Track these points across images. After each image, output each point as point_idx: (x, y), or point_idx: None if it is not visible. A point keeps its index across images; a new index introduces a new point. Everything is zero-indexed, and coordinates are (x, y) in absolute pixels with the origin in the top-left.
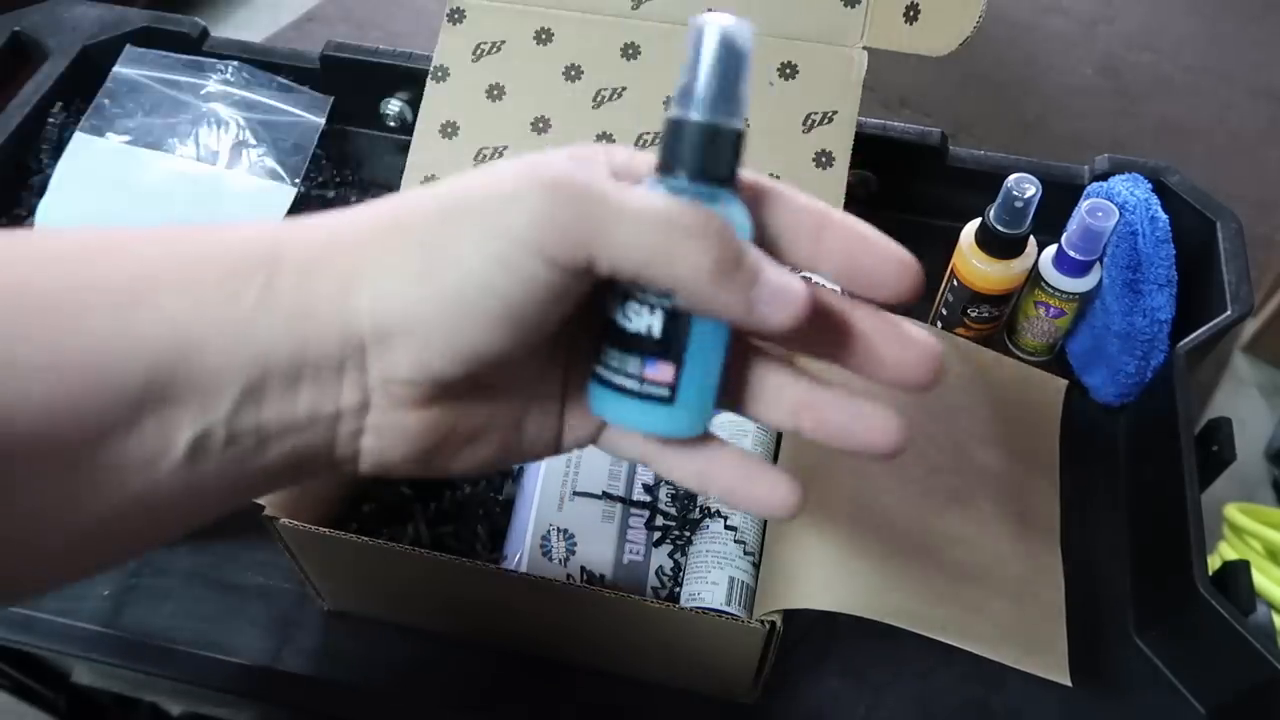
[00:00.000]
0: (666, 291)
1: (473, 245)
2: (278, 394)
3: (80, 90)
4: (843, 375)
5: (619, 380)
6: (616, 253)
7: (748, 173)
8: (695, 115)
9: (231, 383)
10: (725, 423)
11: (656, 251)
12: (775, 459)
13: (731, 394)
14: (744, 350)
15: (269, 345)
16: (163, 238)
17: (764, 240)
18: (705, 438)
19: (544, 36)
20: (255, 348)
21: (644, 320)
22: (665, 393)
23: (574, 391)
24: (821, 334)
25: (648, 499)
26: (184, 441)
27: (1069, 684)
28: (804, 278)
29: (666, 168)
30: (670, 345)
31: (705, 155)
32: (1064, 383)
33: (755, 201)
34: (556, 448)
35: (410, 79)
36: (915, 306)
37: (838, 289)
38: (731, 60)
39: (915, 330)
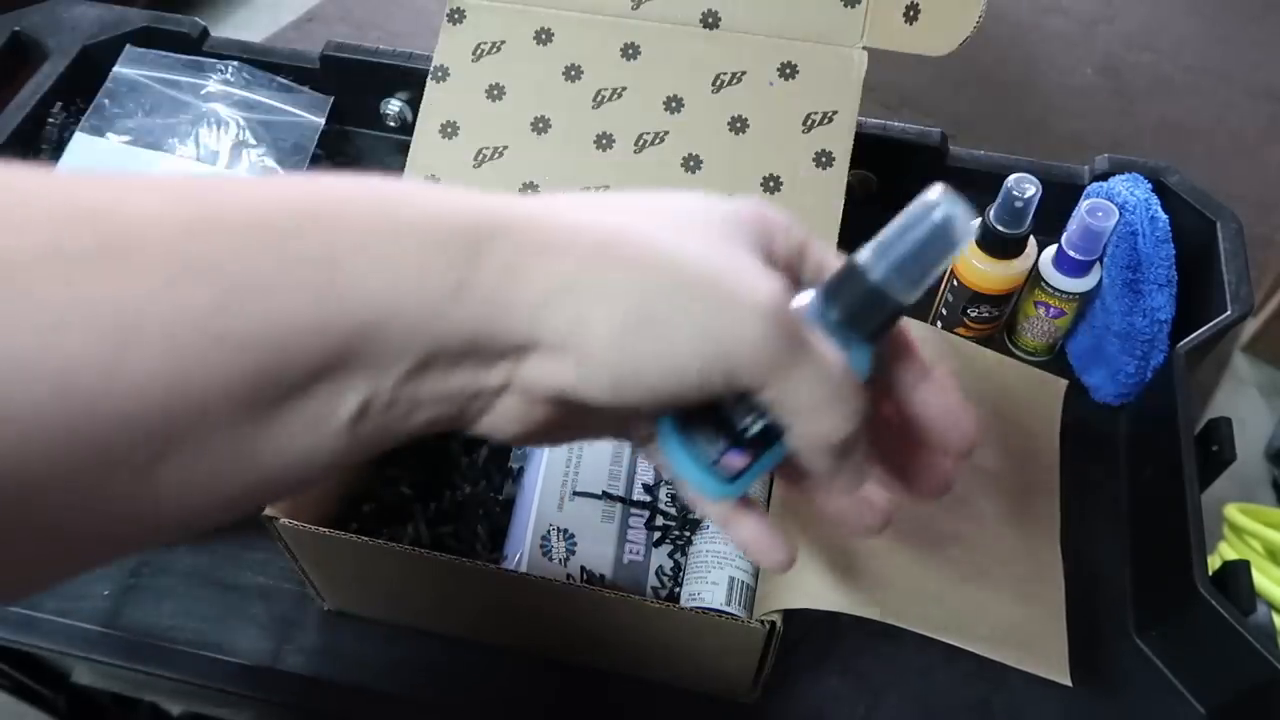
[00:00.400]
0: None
1: (683, 338)
2: (442, 368)
3: (80, 90)
4: None
5: (699, 449)
6: (785, 395)
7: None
8: (877, 276)
9: (408, 355)
10: None
11: (813, 410)
12: None
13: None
14: None
15: (454, 327)
16: (367, 198)
17: (879, 375)
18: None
19: (544, 36)
20: (441, 327)
21: (748, 422)
22: (730, 476)
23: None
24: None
25: (648, 499)
26: (351, 407)
27: (1069, 684)
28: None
29: (832, 297)
30: (755, 447)
31: (867, 315)
32: (1064, 383)
33: (888, 344)
34: (623, 436)
35: (410, 79)
36: (915, 307)
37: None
38: (940, 245)
39: (964, 408)
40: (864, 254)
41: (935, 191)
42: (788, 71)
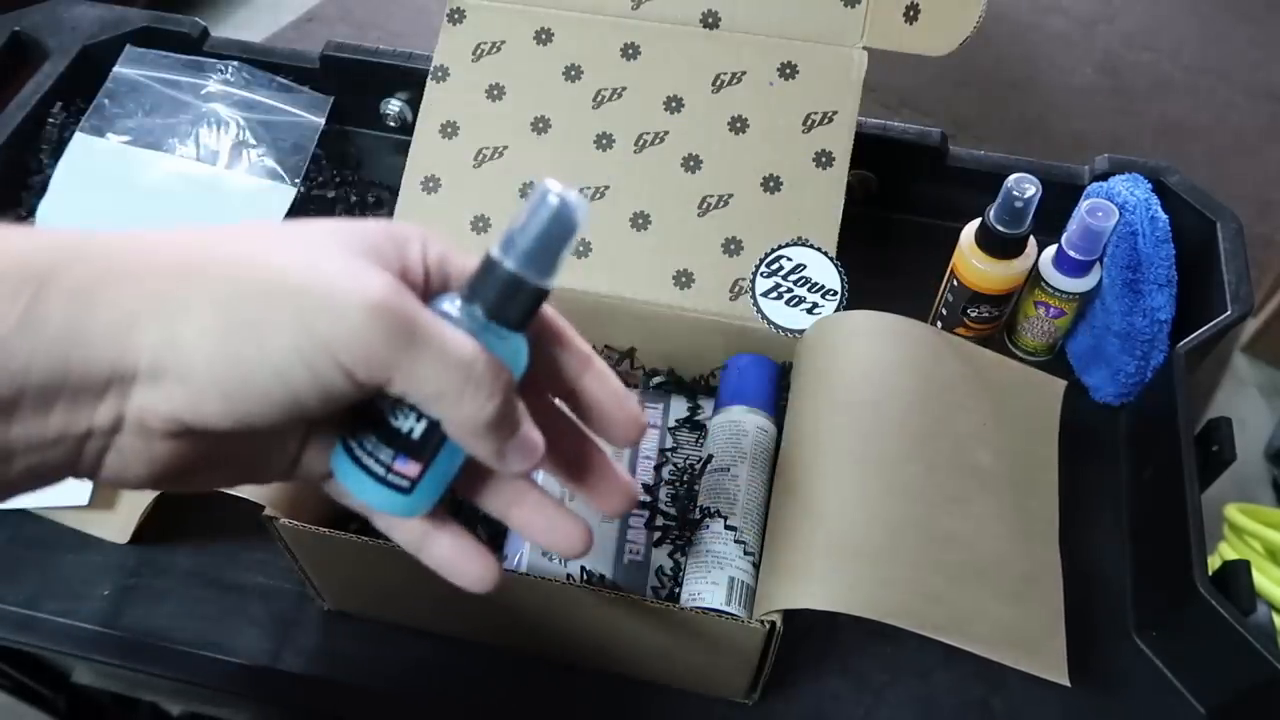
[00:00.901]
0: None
1: (283, 338)
2: (31, 411)
3: (80, 90)
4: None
5: (369, 463)
6: (414, 385)
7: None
8: (510, 265)
9: None
10: (727, 423)
11: (449, 393)
12: (775, 459)
13: (462, 484)
14: None
15: (27, 363)
16: None
17: (535, 365)
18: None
19: (544, 36)
20: (12, 366)
21: (407, 423)
22: (406, 484)
23: (313, 439)
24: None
25: (648, 499)
26: None
27: (1068, 684)
28: None
29: (473, 294)
30: (423, 449)
31: (508, 303)
32: (1063, 383)
33: (540, 333)
34: (289, 477)
35: (410, 79)
36: (916, 307)
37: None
38: (559, 230)
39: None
40: (495, 247)
41: (545, 184)
42: (788, 71)
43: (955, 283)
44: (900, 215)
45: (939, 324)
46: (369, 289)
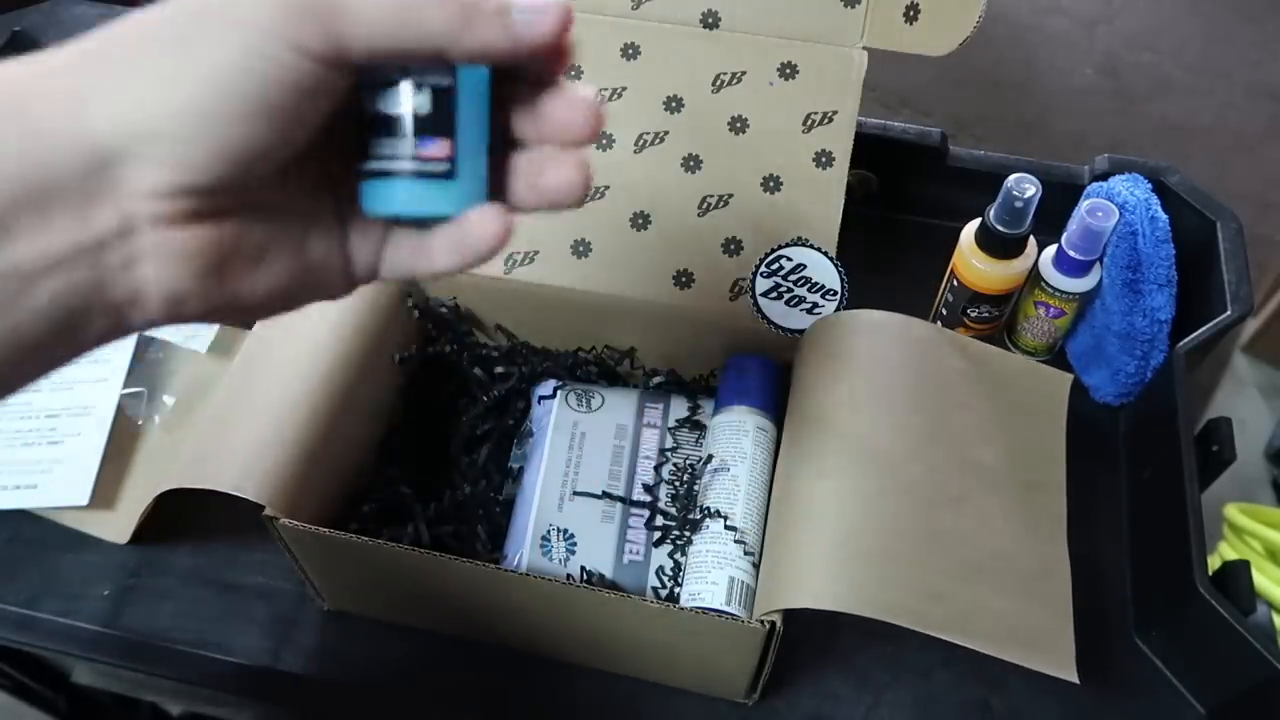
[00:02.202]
0: (428, 61)
1: (218, 40)
2: (28, 225)
3: None
4: None
5: (395, 165)
6: (365, 29)
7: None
8: None
9: None
10: (727, 423)
11: (405, 14)
12: (775, 459)
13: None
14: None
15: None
16: None
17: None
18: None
19: None
20: None
21: (410, 100)
22: (445, 167)
23: (351, 217)
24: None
25: (648, 499)
26: None
27: (1076, 681)
28: None
29: None
30: (441, 119)
31: None
32: (1069, 377)
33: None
34: (348, 278)
35: None
36: (916, 307)
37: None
38: None
39: (582, 92)
40: None
41: None
42: (788, 71)
43: (955, 283)
44: (900, 215)
45: (939, 324)
46: None
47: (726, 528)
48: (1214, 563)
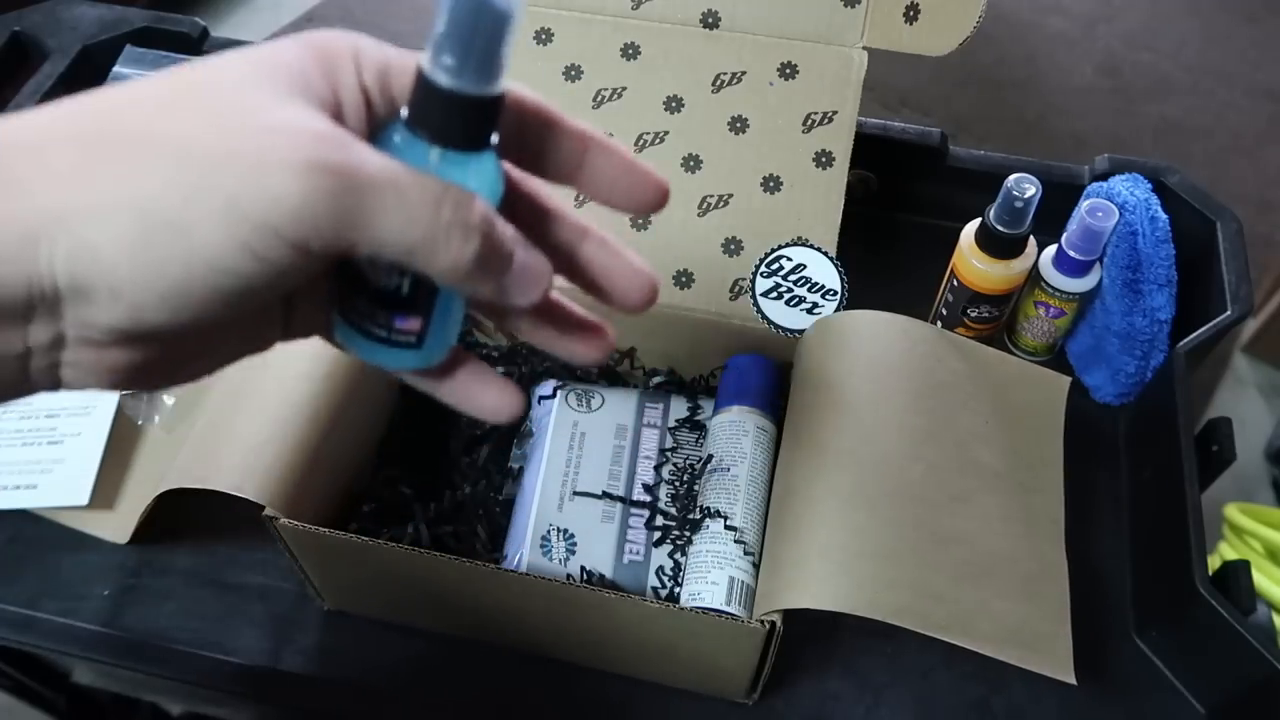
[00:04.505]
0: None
1: (213, 229)
2: None
3: (80, 90)
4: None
5: (369, 328)
6: (378, 244)
7: (514, 89)
8: (443, 80)
9: None
10: (727, 423)
11: (422, 243)
12: (775, 461)
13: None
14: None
15: None
16: None
17: (530, 157)
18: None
19: (544, 36)
20: None
21: (393, 280)
22: (413, 340)
23: (301, 298)
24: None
25: (648, 499)
26: None
27: (1074, 682)
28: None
29: (416, 119)
30: (417, 303)
31: (456, 124)
32: (1067, 380)
33: (522, 123)
34: (289, 338)
35: None
36: (916, 307)
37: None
38: (486, 22)
39: (638, 261)
40: (424, 57)
41: None
42: (788, 71)
43: (955, 283)
44: (900, 215)
45: (939, 324)
46: (297, 144)
47: (726, 528)
48: (1214, 563)
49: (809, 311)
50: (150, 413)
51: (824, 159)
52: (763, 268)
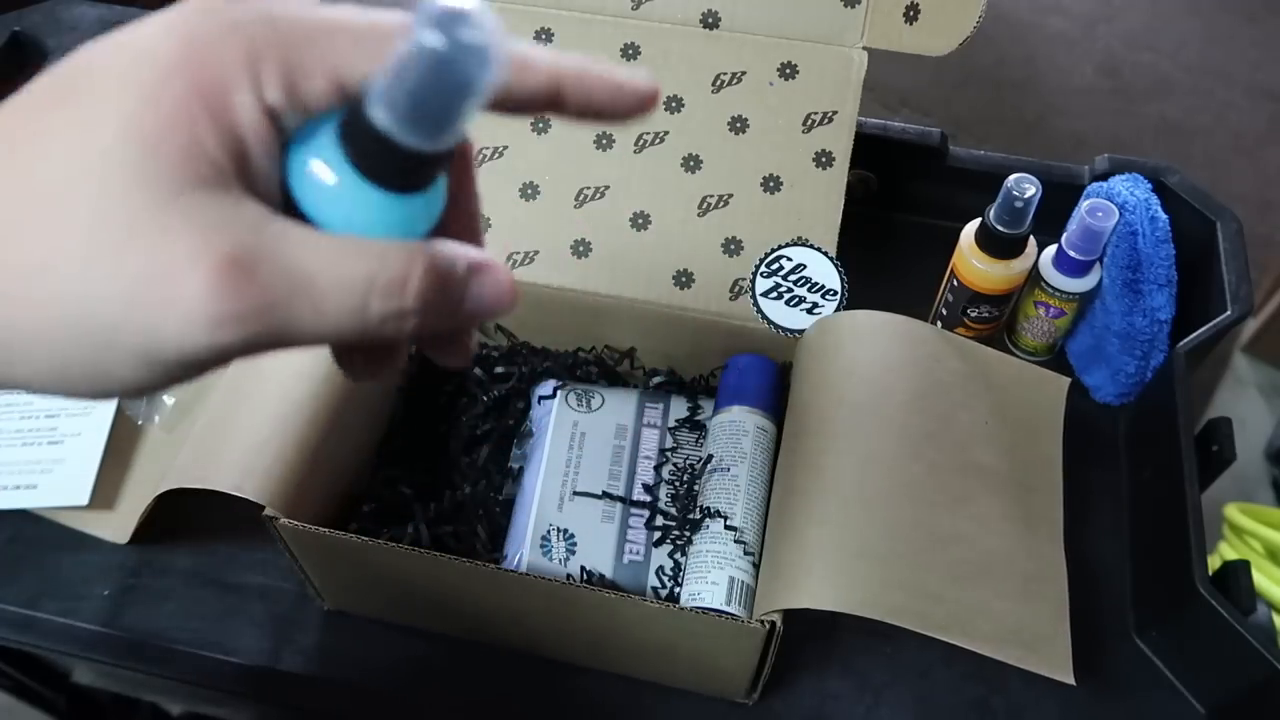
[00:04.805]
0: None
1: (126, 369)
2: None
3: None
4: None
5: None
6: (316, 337)
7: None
8: (382, 120)
9: None
10: (727, 423)
11: (352, 333)
12: (775, 459)
13: None
14: None
15: None
16: None
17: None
18: None
19: (544, 36)
20: None
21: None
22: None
23: None
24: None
25: (648, 499)
26: None
27: (1073, 683)
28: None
29: (347, 143)
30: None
31: (402, 174)
32: (1067, 380)
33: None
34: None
35: None
36: (916, 307)
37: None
38: (448, 85)
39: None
40: (375, 84)
41: (433, 6)
42: (788, 71)
43: (955, 283)
44: (900, 215)
45: (939, 324)
46: (196, 292)
47: (726, 528)
48: (1214, 563)
49: (809, 311)
50: (150, 413)
51: (824, 159)
52: (763, 268)
